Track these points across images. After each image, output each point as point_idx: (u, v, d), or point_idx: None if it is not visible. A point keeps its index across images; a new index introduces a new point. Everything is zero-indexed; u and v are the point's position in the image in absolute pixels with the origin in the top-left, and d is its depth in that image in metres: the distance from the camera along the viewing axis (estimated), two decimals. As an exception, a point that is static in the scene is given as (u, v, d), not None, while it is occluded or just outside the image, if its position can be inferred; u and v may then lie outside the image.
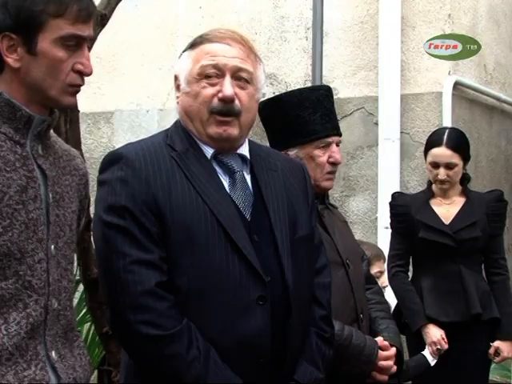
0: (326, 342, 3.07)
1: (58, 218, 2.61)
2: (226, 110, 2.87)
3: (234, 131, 2.90)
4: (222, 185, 2.89)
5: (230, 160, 2.94)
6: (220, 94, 2.86)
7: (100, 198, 2.85)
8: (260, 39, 7.66)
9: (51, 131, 2.70)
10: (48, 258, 2.56)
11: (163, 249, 2.75)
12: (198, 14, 8.05)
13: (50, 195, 2.59)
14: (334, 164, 3.63)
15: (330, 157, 3.60)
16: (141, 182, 2.78)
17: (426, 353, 5.06)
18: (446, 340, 5.12)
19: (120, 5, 4.68)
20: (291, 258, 2.91)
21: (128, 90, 8.27)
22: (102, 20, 4.51)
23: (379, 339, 3.61)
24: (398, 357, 3.67)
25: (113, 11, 4.61)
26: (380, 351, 3.54)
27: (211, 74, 2.88)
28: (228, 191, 2.90)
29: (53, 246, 2.58)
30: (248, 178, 2.97)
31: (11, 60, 2.53)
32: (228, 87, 2.86)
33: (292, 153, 3.53)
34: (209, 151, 2.92)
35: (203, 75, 2.88)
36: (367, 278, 3.88)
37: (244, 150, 3.00)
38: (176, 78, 3.00)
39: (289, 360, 2.89)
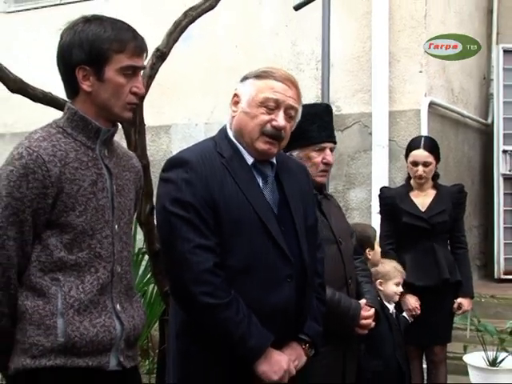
0: (323, 303, 3.10)
1: (120, 204, 2.64)
2: (276, 135, 2.86)
3: (275, 150, 2.90)
4: (259, 187, 2.89)
5: (264, 167, 2.93)
6: (274, 123, 2.84)
7: (165, 192, 2.81)
8: (281, 70, 7.64)
9: (114, 139, 2.73)
10: (113, 234, 2.59)
11: (217, 236, 2.74)
12: (234, 52, 8.04)
13: (114, 187, 2.62)
14: (327, 164, 3.61)
15: (323, 158, 3.59)
16: (201, 183, 2.76)
17: (404, 314, 5.11)
18: (419, 307, 5.15)
19: (176, 45, 4.68)
20: (306, 243, 2.94)
21: (181, 109, 8.28)
22: (163, 56, 4.51)
23: (362, 302, 3.63)
24: (376, 316, 3.68)
25: (170, 49, 4.60)
26: (362, 312, 3.57)
27: (270, 105, 2.85)
28: (263, 192, 2.89)
29: (116, 226, 2.61)
30: (274, 179, 2.96)
31: (85, 86, 2.56)
32: (282, 120, 2.86)
33: (295, 153, 3.52)
34: (249, 159, 2.89)
35: (264, 104, 2.85)
36: (355, 250, 3.88)
37: (273, 158, 2.97)
38: (236, 95, 2.94)
39: (302, 319, 2.92)
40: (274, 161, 2.97)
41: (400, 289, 4.82)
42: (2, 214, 2.43)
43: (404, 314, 5.10)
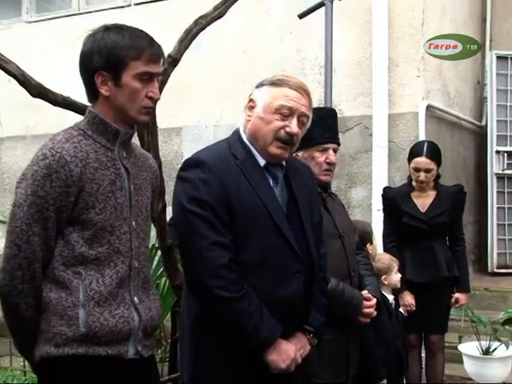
0: (325, 296, 3.11)
1: (137, 203, 2.65)
2: (288, 140, 2.88)
3: (286, 154, 2.92)
4: (271, 187, 2.90)
5: (275, 169, 2.93)
6: (288, 129, 2.86)
7: (182, 191, 2.81)
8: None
9: (132, 140, 2.74)
10: (131, 230, 2.60)
11: (232, 234, 2.75)
12: (242, 57, 8.05)
13: (132, 186, 2.64)
14: (330, 164, 3.62)
15: (326, 158, 3.60)
16: (218, 183, 2.76)
17: (401, 310, 5.15)
18: (414, 304, 5.18)
19: (187, 51, 4.69)
20: (313, 240, 2.96)
21: (192, 112, 8.28)
22: (174, 62, 4.51)
23: (364, 292, 3.65)
24: (378, 305, 3.70)
25: (182, 56, 4.61)
26: (364, 301, 3.58)
27: (285, 113, 2.86)
28: (274, 192, 2.90)
29: (134, 222, 2.62)
30: (283, 179, 2.97)
31: (103, 90, 2.57)
32: (295, 126, 2.87)
33: (300, 154, 3.53)
34: (261, 161, 2.90)
35: (278, 111, 2.86)
36: (357, 246, 3.90)
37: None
38: (252, 100, 2.94)
39: (308, 311, 2.95)
40: (284, 162, 2.98)
41: (399, 274, 4.85)
42: (28, 212, 2.46)
43: (400, 309, 5.14)
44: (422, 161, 5.28)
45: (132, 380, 2.61)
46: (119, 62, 2.54)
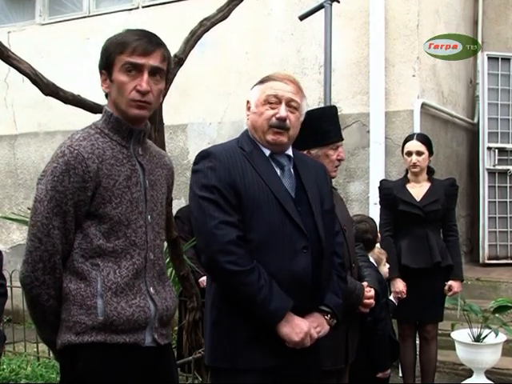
0: (342, 280, 3.17)
1: (152, 198, 2.66)
2: (281, 125, 2.98)
3: (284, 139, 3.00)
4: (277, 174, 2.99)
5: (281, 158, 3.04)
6: (277, 115, 2.97)
7: (195, 181, 2.92)
8: (287, 74, 7.66)
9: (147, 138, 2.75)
10: (146, 224, 2.61)
11: (240, 214, 2.83)
12: (244, 57, 8.04)
13: (147, 182, 2.64)
14: (340, 160, 3.67)
15: (338, 155, 3.64)
16: (225, 169, 2.87)
17: (391, 297, 5.15)
18: (405, 291, 5.19)
19: (192, 51, 4.70)
20: (322, 222, 3.01)
21: (197, 109, 8.28)
22: (180, 61, 4.53)
23: (364, 284, 3.69)
24: (376, 295, 3.75)
25: (187, 56, 4.62)
26: (364, 293, 3.62)
27: (272, 101, 2.99)
28: (280, 178, 2.99)
29: (149, 216, 2.63)
30: (292, 170, 3.06)
31: (104, 88, 2.63)
32: (283, 111, 2.98)
33: (314, 152, 3.56)
34: (266, 152, 3.01)
35: (267, 101, 2.99)
36: (356, 238, 3.94)
37: (289, 152, 3.08)
38: (248, 102, 3.10)
39: (321, 290, 2.99)
40: (291, 153, 3.09)
41: (387, 265, 4.87)
42: (48, 206, 2.47)
43: (391, 297, 5.14)
44: (413, 143, 5.39)
45: (149, 367, 2.61)
46: (109, 59, 2.57)
